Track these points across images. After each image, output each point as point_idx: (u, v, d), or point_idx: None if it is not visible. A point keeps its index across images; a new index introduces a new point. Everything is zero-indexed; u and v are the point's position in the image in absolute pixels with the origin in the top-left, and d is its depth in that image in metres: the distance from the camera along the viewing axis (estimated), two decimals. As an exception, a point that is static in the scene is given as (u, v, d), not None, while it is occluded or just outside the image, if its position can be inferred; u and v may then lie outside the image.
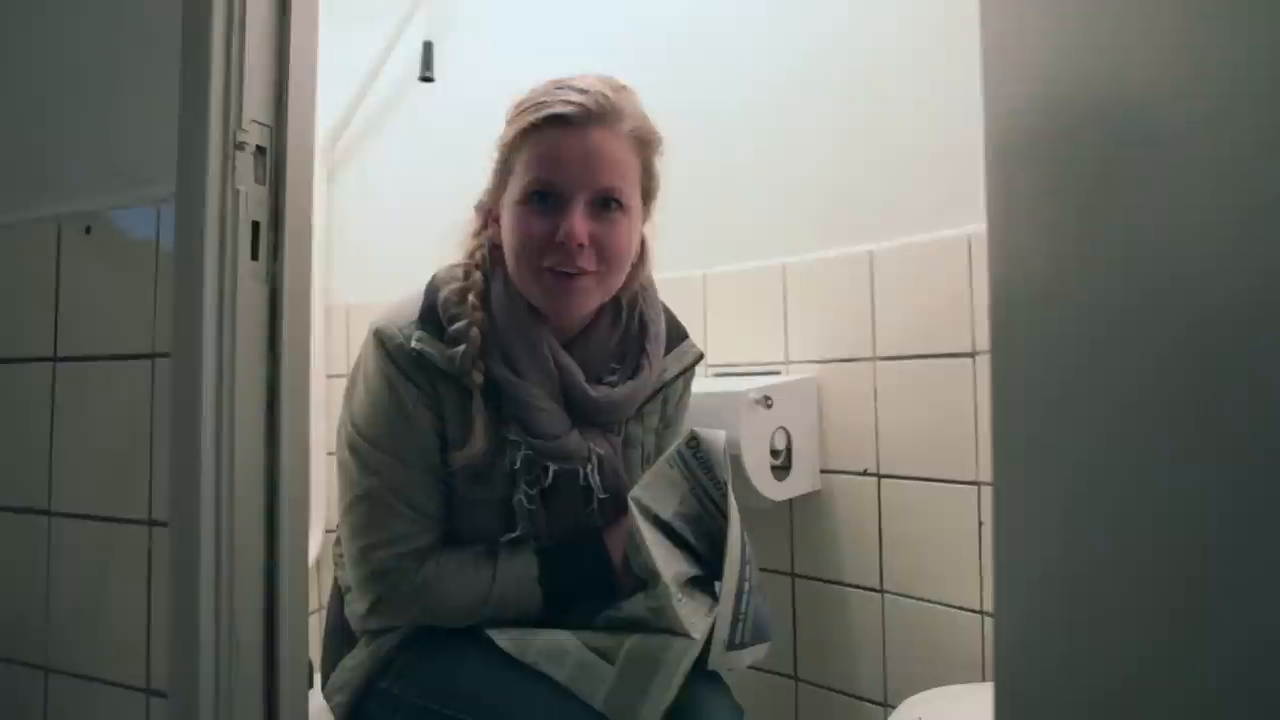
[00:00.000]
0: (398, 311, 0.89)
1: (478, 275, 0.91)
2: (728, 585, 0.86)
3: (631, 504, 0.90)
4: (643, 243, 0.95)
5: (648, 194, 0.93)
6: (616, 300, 0.96)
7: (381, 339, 0.87)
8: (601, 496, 0.92)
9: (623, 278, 0.92)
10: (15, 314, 0.95)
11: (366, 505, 0.88)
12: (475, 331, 0.87)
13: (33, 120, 0.97)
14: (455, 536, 0.92)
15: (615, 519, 0.94)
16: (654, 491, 0.92)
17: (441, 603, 0.88)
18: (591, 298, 0.89)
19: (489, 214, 0.95)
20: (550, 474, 0.89)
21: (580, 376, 0.90)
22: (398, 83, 1.79)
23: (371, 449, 0.88)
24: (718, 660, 0.86)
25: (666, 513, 0.92)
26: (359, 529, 0.88)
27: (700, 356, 1.04)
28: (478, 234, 0.95)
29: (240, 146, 0.78)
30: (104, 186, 0.89)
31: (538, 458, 0.88)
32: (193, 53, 0.78)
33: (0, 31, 1.00)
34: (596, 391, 0.91)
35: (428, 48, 1.67)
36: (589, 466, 0.91)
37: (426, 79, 1.67)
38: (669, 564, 0.88)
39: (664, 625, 0.85)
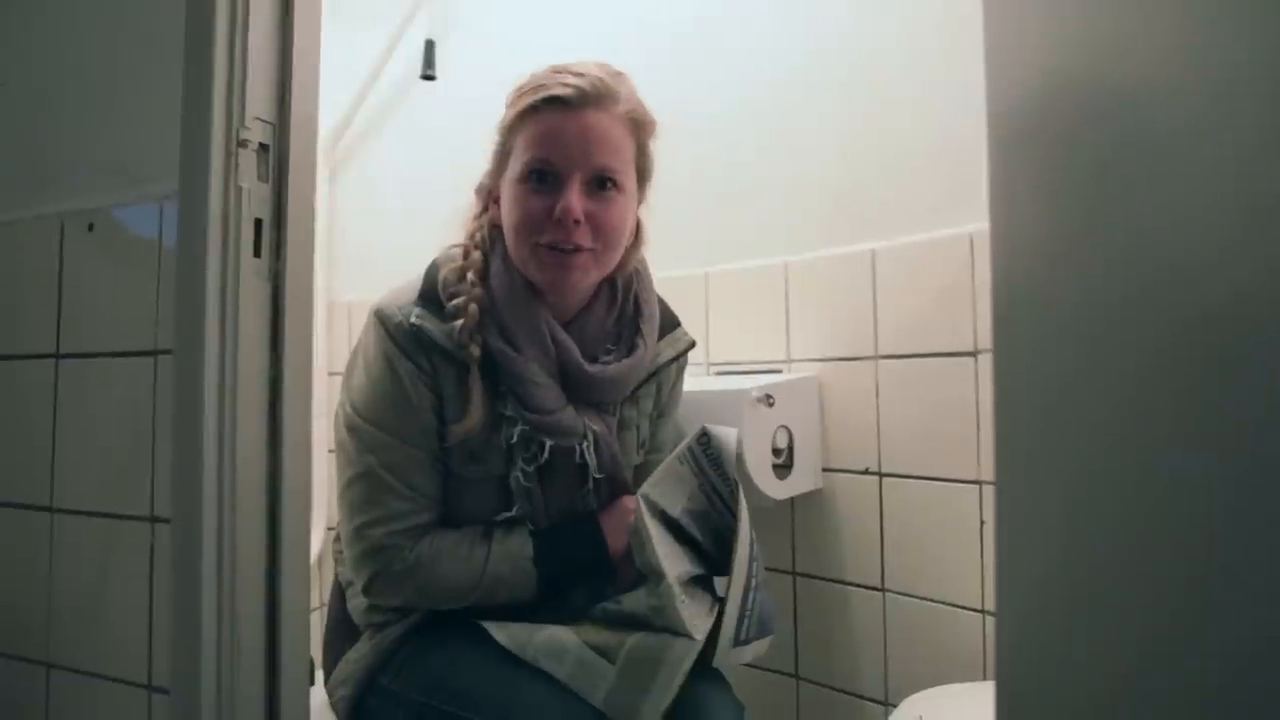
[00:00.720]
0: (399, 293, 0.91)
1: (477, 254, 0.93)
2: (736, 584, 0.86)
3: (641, 501, 0.90)
4: (638, 224, 0.97)
5: (643, 175, 0.95)
6: (613, 282, 0.97)
7: (382, 318, 0.89)
8: (597, 476, 0.93)
9: (618, 256, 0.94)
10: (18, 311, 0.95)
11: (364, 483, 0.88)
12: (473, 307, 0.88)
13: (36, 118, 0.97)
14: (451, 520, 0.92)
15: (610, 502, 0.95)
16: (663, 488, 0.93)
17: (434, 581, 0.88)
18: (588, 274, 0.91)
19: (489, 195, 0.96)
20: (546, 449, 0.90)
21: (577, 353, 0.92)
22: (399, 83, 1.79)
23: (369, 427, 0.88)
24: (723, 658, 0.86)
25: (675, 509, 0.92)
26: (356, 507, 0.89)
27: (693, 344, 1.06)
28: (478, 216, 0.97)
29: (243, 144, 0.78)
30: (106, 184, 0.89)
31: (534, 433, 0.89)
32: (196, 50, 0.78)
33: (2, 29, 1.00)
34: (592, 368, 0.92)
35: (429, 46, 1.67)
36: (585, 443, 0.92)
37: (428, 77, 1.67)
38: (673, 564, 0.88)
39: (665, 625, 0.85)
